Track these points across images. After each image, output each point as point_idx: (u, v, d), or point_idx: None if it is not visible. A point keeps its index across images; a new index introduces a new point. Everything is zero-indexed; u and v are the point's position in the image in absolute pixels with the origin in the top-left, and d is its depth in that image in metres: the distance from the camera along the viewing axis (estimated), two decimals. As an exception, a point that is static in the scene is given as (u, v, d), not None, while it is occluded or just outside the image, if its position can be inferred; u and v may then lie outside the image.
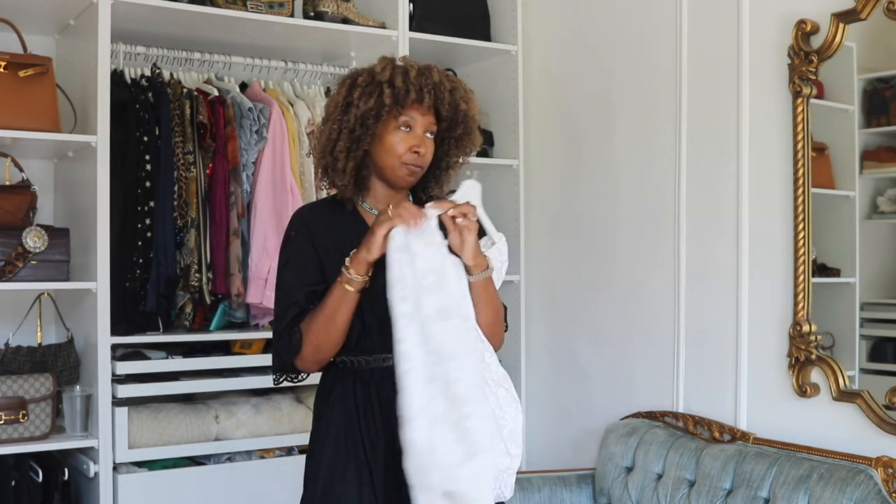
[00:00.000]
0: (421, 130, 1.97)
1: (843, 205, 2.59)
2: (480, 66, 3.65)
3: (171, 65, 3.18)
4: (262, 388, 3.15)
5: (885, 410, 2.37)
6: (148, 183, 2.93)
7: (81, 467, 2.87)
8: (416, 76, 1.94)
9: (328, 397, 2.03)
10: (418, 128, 1.97)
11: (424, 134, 1.98)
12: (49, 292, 3.06)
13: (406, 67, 1.96)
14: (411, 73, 1.94)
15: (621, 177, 3.17)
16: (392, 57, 2.02)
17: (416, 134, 1.97)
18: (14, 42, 2.87)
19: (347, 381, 2.00)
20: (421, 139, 1.97)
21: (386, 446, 1.95)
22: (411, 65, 1.98)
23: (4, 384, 2.74)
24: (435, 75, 1.97)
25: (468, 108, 2.02)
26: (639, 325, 3.08)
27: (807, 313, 2.57)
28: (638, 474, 2.81)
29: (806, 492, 2.35)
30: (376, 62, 2.00)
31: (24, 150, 2.97)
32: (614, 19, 3.21)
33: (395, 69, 1.96)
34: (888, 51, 2.47)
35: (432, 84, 1.95)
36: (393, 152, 1.96)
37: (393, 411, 1.92)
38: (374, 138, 1.97)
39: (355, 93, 1.96)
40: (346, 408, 1.99)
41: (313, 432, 2.06)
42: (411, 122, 1.96)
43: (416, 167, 1.98)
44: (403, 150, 1.96)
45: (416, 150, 1.96)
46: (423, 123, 1.97)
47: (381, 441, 1.96)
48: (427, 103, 1.95)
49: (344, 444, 1.97)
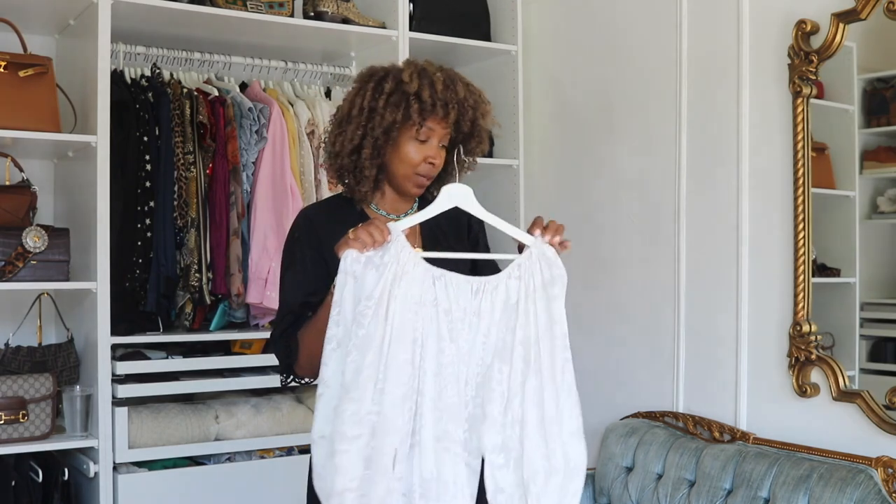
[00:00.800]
0: (437, 142, 1.98)
1: (843, 205, 2.59)
2: (480, 66, 3.65)
3: (171, 65, 3.18)
4: (262, 388, 3.15)
5: (885, 410, 2.37)
6: (148, 183, 2.93)
7: (81, 467, 2.87)
8: (443, 90, 1.93)
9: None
10: (435, 139, 1.97)
11: (439, 145, 1.99)
12: (49, 292, 3.06)
13: (432, 79, 1.94)
14: (438, 86, 1.93)
15: (621, 177, 3.17)
16: (415, 62, 2.00)
17: (432, 145, 1.97)
18: (14, 42, 2.87)
19: None
20: (436, 150, 1.98)
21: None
22: (437, 76, 1.95)
23: (4, 384, 2.74)
24: (461, 90, 1.96)
25: (485, 122, 2.03)
26: (639, 325, 3.08)
27: (807, 313, 2.57)
28: (638, 474, 2.81)
29: (806, 492, 2.35)
30: (402, 66, 1.98)
31: (24, 150, 2.97)
32: (614, 19, 3.21)
33: (422, 80, 1.93)
34: (888, 51, 2.47)
35: (457, 100, 1.95)
36: (408, 161, 1.97)
37: None
38: (392, 146, 1.97)
39: (380, 100, 1.93)
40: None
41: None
42: (430, 133, 1.96)
43: (426, 178, 1.99)
44: (419, 160, 1.97)
45: (432, 161, 1.97)
46: (440, 135, 1.97)
47: None
48: (451, 118, 1.95)
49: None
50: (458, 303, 1.77)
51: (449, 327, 1.76)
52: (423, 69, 1.97)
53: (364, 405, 1.68)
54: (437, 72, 1.97)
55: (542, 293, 1.80)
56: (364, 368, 1.69)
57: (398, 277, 1.73)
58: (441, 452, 1.73)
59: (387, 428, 1.69)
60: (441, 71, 1.99)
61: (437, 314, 1.75)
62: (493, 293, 1.79)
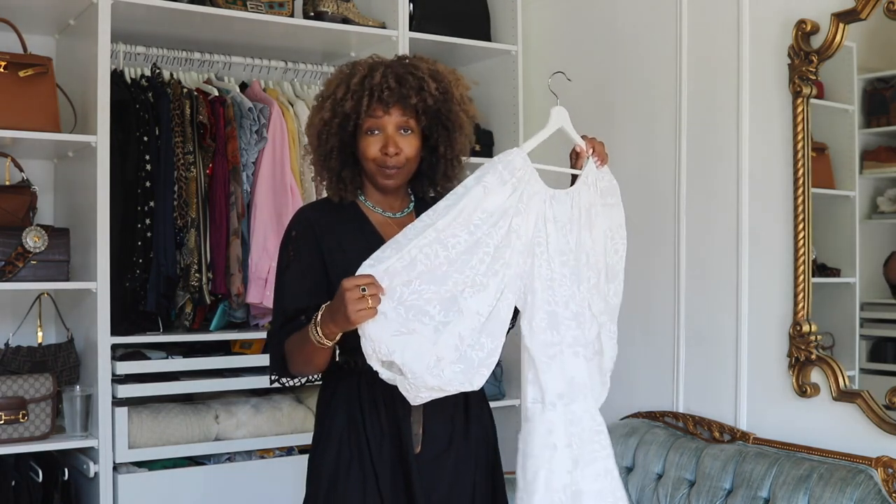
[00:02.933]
0: (392, 129, 1.95)
1: (843, 205, 2.59)
2: (480, 66, 3.65)
3: (171, 65, 3.18)
4: (262, 388, 3.15)
5: (885, 410, 2.37)
6: (148, 183, 2.93)
7: (81, 467, 2.87)
8: (393, 79, 1.92)
9: (331, 397, 2.02)
10: (388, 127, 1.94)
11: (398, 131, 1.96)
12: (49, 292, 3.06)
13: (385, 68, 1.94)
14: (387, 76, 1.92)
15: (621, 177, 3.13)
16: (363, 60, 2.00)
17: (386, 136, 1.95)
18: (14, 42, 2.87)
19: (351, 381, 1.98)
20: (390, 139, 1.95)
21: (391, 446, 1.94)
22: (393, 66, 1.96)
23: (4, 384, 2.73)
24: (418, 78, 1.94)
25: (462, 112, 2.00)
26: (639, 325, 3.08)
27: (807, 313, 2.57)
28: (638, 474, 2.81)
29: (806, 492, 2.35)
30: (369, 58, 2.00)
31: (24, 150, 2.97)
32: (614, 19, 3.21)
33: (373, 70, 1.94)
34: (888, 51, 2.47)
35: (412, 87, 1.93)
36: (364, 154, 1.97)
37: (397, 410, 1.92)
38: (357, 143, 1.98)
39: (340, 90, 1.96)
40: (349, 408, 1.97)
41: (316, 432, 2.04)
42: (377, 124, 1.94)
43: (392, 169, 1.96)
44: (374, 153, 1.95)
45: (386, 152, 1.94)
46: (392, 122, 1.94)
47: (387, 440, 1.95)
48: (406, 107, 1.93)
49: (348, 444, 1.96)
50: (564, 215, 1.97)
51: (562, 240, 1.95)
52: (383, 60, 1.98)
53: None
54: (399, 61, 1.98)
55: (601, 201, 2.03)
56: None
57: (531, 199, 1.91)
58: (572, 357, 1.95)
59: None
60: (404, 60, 1.99)
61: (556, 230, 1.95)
62: (578, 199, 1.99)
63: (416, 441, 1.95)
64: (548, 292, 1.91)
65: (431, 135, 2.00)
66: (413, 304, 1.78)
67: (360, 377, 1.96)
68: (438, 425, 1.98)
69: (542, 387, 1.90)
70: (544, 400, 1.90)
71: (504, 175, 1.86)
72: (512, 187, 1.87)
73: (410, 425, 1.95)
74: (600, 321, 2.02)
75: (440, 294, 1.80)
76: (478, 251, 1.82)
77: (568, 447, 1.91)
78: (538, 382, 1.91)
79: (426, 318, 1.79)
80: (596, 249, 2.00)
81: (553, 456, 1.89)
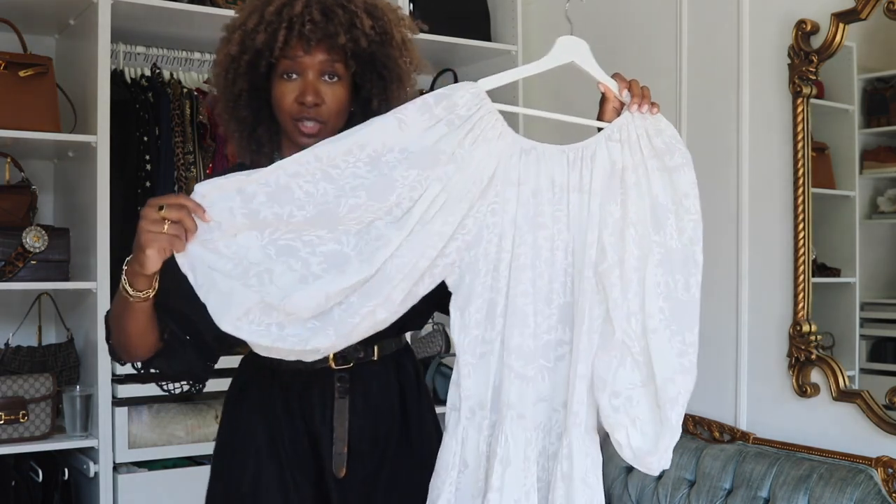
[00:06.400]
0: (313, 74, 1.58)
1: (843, 205, 2.59)
2: (480, 66, 3.65)
3: (171, 65, 3.18)
4: (262, 388, 3.14)
5: (885, 410, 2.37)
6: (148, 183, 2.93)
7: (81, 467, 2.86)
8: (318, 13, 1.55)
9: (242, 399, 1.81)
10: (309, 72, 1.58)
11: (320, 77, 1.58)
12: (49, 292, 3.06)
13: (285, 1, 1.56)
14: (310, 9, 1.55)
15: (621, 177, 3.17)
16: None
17: (306, 80, 1.58)
18: (14, 42, 2.87)
19: (264, 383, 1.77)
20: (310, 85, 1.57)
21: (312, 457, 1.71)
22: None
23: (4, 384, 2.73)
24: (349, 14, 1.56)
25: (384, 40, 1.60)
26: (639, 325, 3.07)
27: (807, 313, 2.57)
28: (638, 474, 2.81)
29: (806, 492, 2.35)
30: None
31: (24, 150, 2.97)
32: (614, 19, 3.21)
33: (294, 3, 1.55)
34: (888, 51, 2.47)
35: (341, 24, 1.55)
36: (277, 105, 1.61)
37: (317, 422, 1.69)
38: (269, 93, 1.62)
39: (251, 20, 1.59)
40: (265, 414, 1.74)
41: (224, 430, 1.82)
42: (294, 66, 1.57)
43: (307, 122, 1.59)
44: (288, 101, 1.59)
45: (302, 100, 1.57)
46: (314, 66, 1.57)
47: (309, 453, 1.71)
48: (332, 46, 1.56)
49: (267, 451, 1.72)
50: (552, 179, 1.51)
51: (543, 210, 1.51)
52: None
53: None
54: None
55: (656, 163, 1.57)
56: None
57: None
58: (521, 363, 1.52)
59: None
60: None
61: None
62: (592, 161, 1.55)
63: (341, 462, 1.68)
64: (492, 275, 1.49)
65: (364, 85, 1.63)
66: (280, 241, 1.45)
67: (277, 381, 1.73)
68: (367, 442, 1.70)
69: (461, 392, 1.51)
70: (460, 408, 1.52)
71: (436, 111, 1.44)
72: (447, 126, 1.44)
73: (332, 443, 1.67)
74: (648, 325, 1.62)
75: (323, 239, 1.44)
76: (390, 194, 1.42)
77: (479, 469, 1.51)
78: (458, 385, 1.52)
79: (294, 261, 1.44)
80: (637, 228, 1.55)
81: (460, 478, 1.51)
